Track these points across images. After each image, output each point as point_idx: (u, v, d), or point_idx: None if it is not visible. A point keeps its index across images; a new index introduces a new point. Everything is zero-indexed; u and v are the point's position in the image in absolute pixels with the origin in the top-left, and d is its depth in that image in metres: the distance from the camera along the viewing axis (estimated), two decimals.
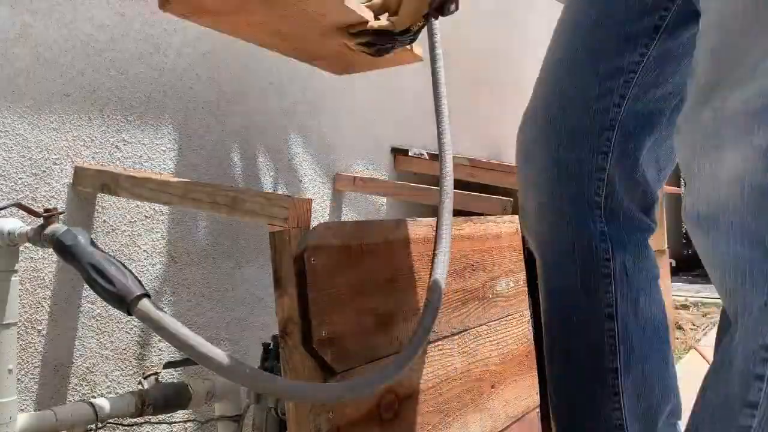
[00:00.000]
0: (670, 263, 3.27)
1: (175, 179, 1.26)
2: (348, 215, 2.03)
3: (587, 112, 1.16)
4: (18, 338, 1.20)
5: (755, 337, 0.81)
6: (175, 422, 1.50)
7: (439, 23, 1.62)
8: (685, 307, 4.35)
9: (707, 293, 4.95)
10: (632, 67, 1.13)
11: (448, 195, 1.47)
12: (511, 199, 1.80)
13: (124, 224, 1.42)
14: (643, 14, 1.11)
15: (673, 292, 3.77)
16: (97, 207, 1.37)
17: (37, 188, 1.27)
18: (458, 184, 1.64)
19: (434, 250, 1.40)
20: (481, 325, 1.56)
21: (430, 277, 1.37)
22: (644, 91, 1.15)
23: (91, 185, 1.31)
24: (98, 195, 1.35)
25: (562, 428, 1.27)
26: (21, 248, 1.12)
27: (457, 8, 1.09)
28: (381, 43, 1.12)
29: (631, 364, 1.18)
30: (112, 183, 1.27)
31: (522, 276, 1.78)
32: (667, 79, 1.14)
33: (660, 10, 1.10)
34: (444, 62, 1.61)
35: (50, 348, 1.29)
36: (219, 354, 0.92)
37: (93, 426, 1.14)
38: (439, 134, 1.55)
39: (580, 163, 1.20)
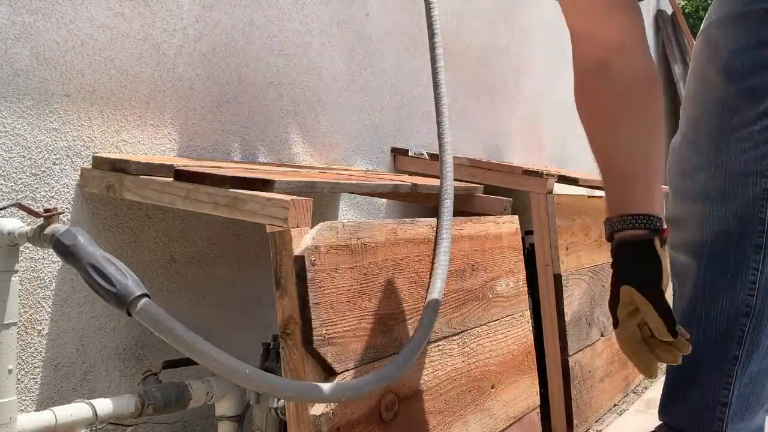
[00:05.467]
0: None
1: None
2: (348, 215, 2.03)
3: None
4: (18, 338, 1.20)
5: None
6: (175, 422, 1.50)
7: (439, 24, 1.62)
8: None
9: None
10: None
11: (448, 195, 1.47)
12: (511, 199, 1.80)
13: (125, 224, 1.42)
14: None
15: None
16: (98, 207, 1.37)
17: (37, 188, 1.27)
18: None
19: (434, 250, 1.40)
20: (481, 325, 1.56)
21: (430, 277, 1.37)
22: None
23: (96, 186, 1.31)
24: (101, 195, 1.35)
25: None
26: (21, 248, 1.12)
27: None
28: None
29: (753, 357, 1.21)
30: (117, 184, 1.27)
31: (522, 276, 1.78)
32: None
33: None
34: (444, 62, 1.61)
35: (50, 348, 1.29)
36: (219, 354, 0.92)
37: (93, 426, 1.14)
38: (440, 134, 1.56)
39: None
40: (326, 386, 1.04)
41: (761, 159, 1.12)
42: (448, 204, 1.45)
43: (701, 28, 1.24)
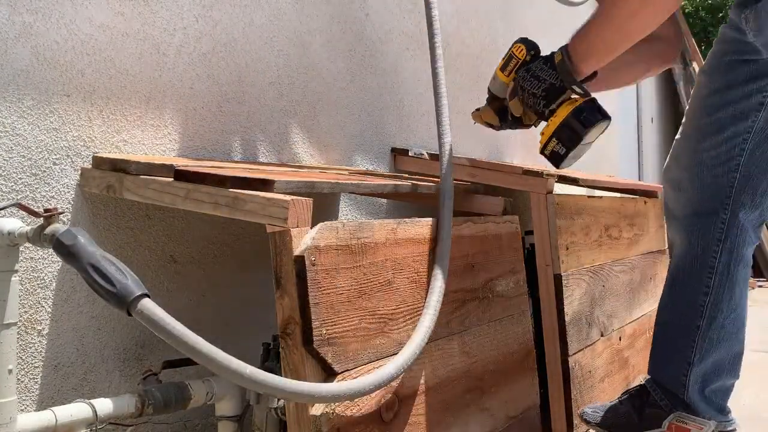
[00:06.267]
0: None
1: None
2: (348, 215, 2.03)
3: None
4: (18, 338, 1.20)
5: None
6: (175, 422, 1.50)
7: (439, 24, 1.62)
8: None
9: None
10: None
11: (448, 195, 1.47)
12: (511, 199, 1.80)
13: (125, 224, 1.42)
14: None
15: None
16: (98, 207, 1.37)
17: (37, 188, 1.27)
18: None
19: (434, 250, 1.40)
20: (481, 325, 1.56)
21: (430, 277, 1.37)
22: None
23: (96, 186, 1.31)
24: (101, 195, 1.35)
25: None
26: (21, 248, 1.12)
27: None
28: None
29: (711, 327, 1.58)
30: (117, 184, 1.27)
31: (522, 276, 1.78)
32: None
33: None
34: (444, 62, 1.61)
35: (50, 348, 1.29)
36: (219, 354, 0.92)
37: (93, 426, 1.14)
38: (440, 134, 1.56)
39: None
40: (326, 386, 1.04)
41: (727, 173, 1.51)
42: (448, 204, 1.45)
43: (697, 73, 1.70)
